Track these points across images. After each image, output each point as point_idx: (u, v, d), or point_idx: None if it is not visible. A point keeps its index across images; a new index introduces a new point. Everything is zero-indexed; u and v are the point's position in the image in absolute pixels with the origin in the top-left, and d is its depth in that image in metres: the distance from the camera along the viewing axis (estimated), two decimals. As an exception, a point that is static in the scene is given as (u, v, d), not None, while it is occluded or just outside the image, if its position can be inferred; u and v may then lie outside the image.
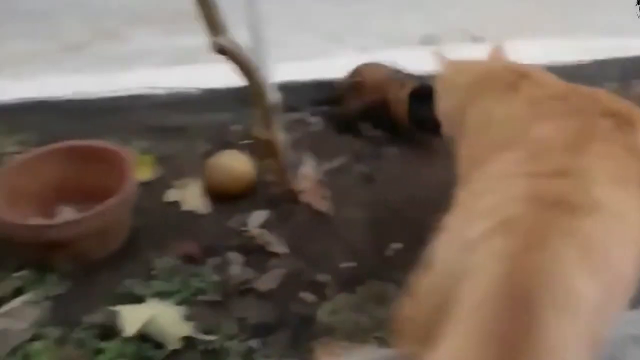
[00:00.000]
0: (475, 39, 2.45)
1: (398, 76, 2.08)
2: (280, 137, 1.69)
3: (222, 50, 1.33)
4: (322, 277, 1.56)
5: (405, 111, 2.01)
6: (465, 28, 2.42)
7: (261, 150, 1.73)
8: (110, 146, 1.75)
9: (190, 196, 1.82)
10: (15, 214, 1.58)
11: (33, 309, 1.46)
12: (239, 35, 1.80)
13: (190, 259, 1.59)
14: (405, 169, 1.96)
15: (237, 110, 2.15)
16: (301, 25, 2.30)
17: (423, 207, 1.80)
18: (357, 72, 2.14)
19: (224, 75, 1.87)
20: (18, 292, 1.50)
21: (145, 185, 1.84)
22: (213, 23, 1.29)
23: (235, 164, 1.82)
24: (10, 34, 2.14)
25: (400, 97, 2.02)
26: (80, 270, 1.56)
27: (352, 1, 2.25)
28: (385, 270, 1.59)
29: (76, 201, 1.71)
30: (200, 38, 1.45)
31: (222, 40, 1.31)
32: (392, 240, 1.69)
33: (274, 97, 1.54)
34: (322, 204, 1.79)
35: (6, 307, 1.46)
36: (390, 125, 2.07)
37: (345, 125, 2.11)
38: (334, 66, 2.26)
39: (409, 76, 2.09)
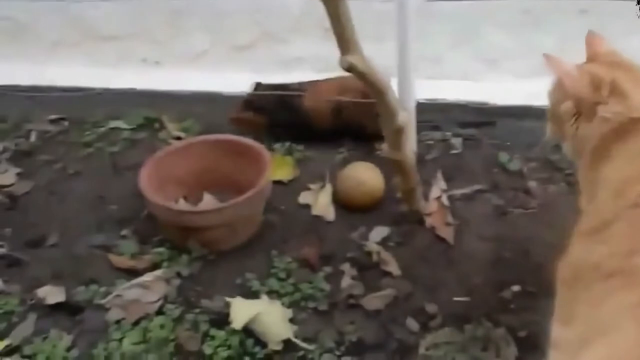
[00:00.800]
0: None
1: None
2: (411, 157, 1.68)
3: (351, 69, 1.35)
4: (431, 307, 1.54)
5: None
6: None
7: (391, 168, 1.74)
8: (253, 143, 1.87)
9: (321, 202, 1.89)
10: (164, 196, 1.76)
11: (163, 284, 1.62)
12: (387, 48, 1.84)
13: (306, 264, 1.66)
14: (546, 207, 1.86)
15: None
16: (461, 45, 2.25)
17: (552, 252, 1.70)
18: None
19: None
20: (155, 266, 1.68)
21: (283, 184, 1.96)
22: (344, 39, 1.32)
23: (366, 177, 1.85)
24: (189, 30, 2.36)
25: None
26: (210, 256, 1.70)
27: (513, 26, 2.16)
28: (499, 312, 1.53)
29: (217, 190, 1.86)
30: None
31: (351, 59, 1.33)
32: (512, 281, 1.62)
33: (404, 117, 1.53)
34: (445, 231, 1.76)
35: (143, 278, 1.63)
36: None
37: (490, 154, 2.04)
38: (486, 90, 2.19)
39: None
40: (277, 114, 2.11)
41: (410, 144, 1.98)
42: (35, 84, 2.25)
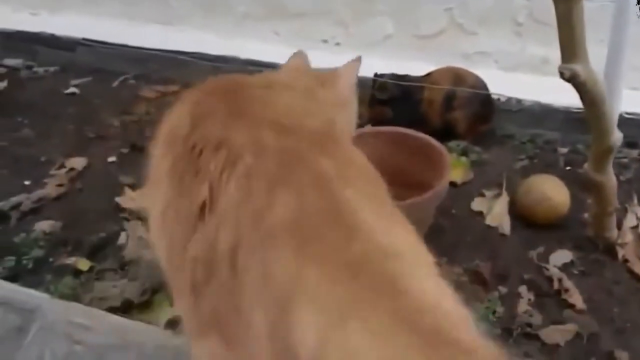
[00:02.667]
0: None
1: None
2: (613, 180, 1.49)
3: (572, 79, 1.20)
4: (620, 354, 1.37)
5: None
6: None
7: (589, 190, 1.56)
8: (433, 141, 1.77)
9: (496, 211, 1.75)
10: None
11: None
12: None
13: (479, 280, 1.54)
14: None
15: (568, 132, 1.99)
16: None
17: None
18: None
19: (560, 91, 1.73)
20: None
21: (456, 187, 1.84)
22: (572, 47, 1.16)
23: (551, 191, 1.68)
24: (375, 14, 2.28)
25: None
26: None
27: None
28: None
29: (392, 186, 1.78)
30: (549, 49, 1.31)
31: (576, 68, 1.17)
32: None
33: (617, 137, 1.35)
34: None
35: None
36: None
37: None
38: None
39: None
40: (399, 106, 2.01)
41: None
42: (221, 54, 2.30)
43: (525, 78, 2.11)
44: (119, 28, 2.62)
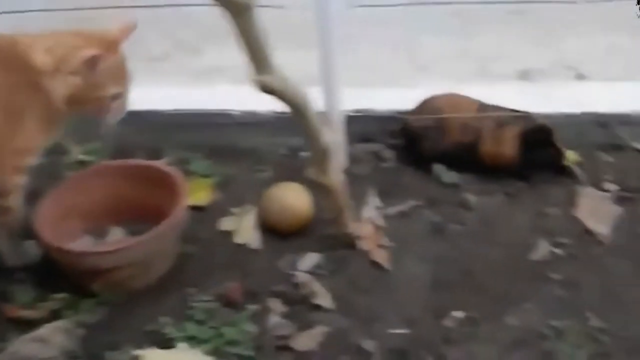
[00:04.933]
0: (579, 77, 2.16)
1: (492, 115, 1.87)
2: (338, 178, 1.53)
3: (265, 89, 1.20)
4: (367, 344, 1.40)
5: (513, 153, 1.83)
6: (570, 65, 2.15)
7: (318, 192, 1.59)
8: (163, 167, 1.69)
9: (245, 227, 1.72)
10: (67, 232, 1.56)
11: (64, 337, 1.41)
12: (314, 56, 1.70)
13: (229, 302, 1.49)
14: (484, 222, 1.75)
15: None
16: (392, 51, 2.13)
17: (496, 270, 1.60)
18: (436, 105, 1.93)
19: None
20: (55, 315, 1.47)
21: (200, 210, 1.77)
22: (257, 59, 1.16)
23: (291, 199, 1.69)
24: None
25: (503, 138, 1.84)
26: (119, 299, 1.50)
27: (451, 31, 2.05)
28: (442, 344, 1.41)
29: (128, 220, 1.66)
30: (282, 57, 1.32)
31: (267, 79, 1.18)
32: (454, 307, 1.50)
33: (329, 137, 1.38)
34: (380, 255, 1.62)
35: (40, 331, 1.42)
36: (478, 168, 1.88)
37: (423, 165, 1.92)
38: (419, 97, 2.07)
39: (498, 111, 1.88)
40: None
41: (339, 160, 1.84)
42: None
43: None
44: None
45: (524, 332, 1.43)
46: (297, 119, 1.34)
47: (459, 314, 1.47)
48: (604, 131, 2.06)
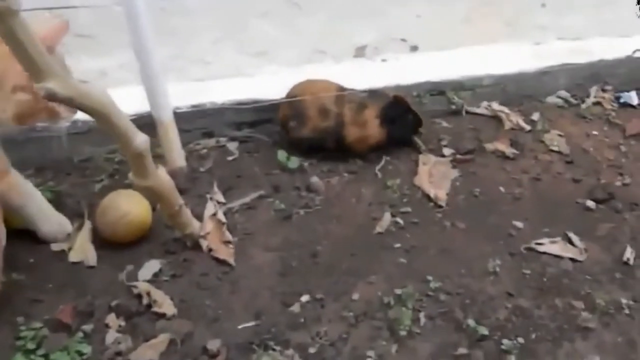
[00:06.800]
0: (413, 49, 2.22)
1: (350, 96, 1.87)
2: (163, 178, 1.46)
3: (52, 97, 1.10)
4: (213, 344, 1.35)
5: (377, 132, 1.85)
6: (403, 37, 2.20)
7: (149, 196, 1.52)
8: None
9: (80, 244, 1.60)
10: None
11: None
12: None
13: (60, 326, 1.38)
14: (330, 203, 1.75)
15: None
16: (226, 40, 2.06)
17: (343, 248, 1.60)
18: (298, 91, 1.91)
19: (133, 101, 1.67)
20: None
21: (30, 232, 1.63)
22: (33, 66, 1.06)
23: (127, 205, 1.59)
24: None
25: (366, 121, 1.85)
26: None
27: (278, 14, 2.02)
28: (289, 330, 1.38)
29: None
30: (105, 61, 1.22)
31: (50, 86, 1.08)
32: (301, 291, 1.48)
33: (142, 140, 1.31)
34: (224, 251, 1.57)
35: None
36: (343, 149, 1.89)
37: (304, 149, 1.91)
38: (260, 84, 2.04)
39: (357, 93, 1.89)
40: None
41: (175, 159, 1.77)
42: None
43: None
44: None
45: (369, 305, 1.44)
46: (101, 125, 1.25)
47: (305, 298, 1.46)
48: (440, 98, 2.13)
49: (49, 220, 1.59)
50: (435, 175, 1.83)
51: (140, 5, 1.57)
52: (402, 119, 1.88)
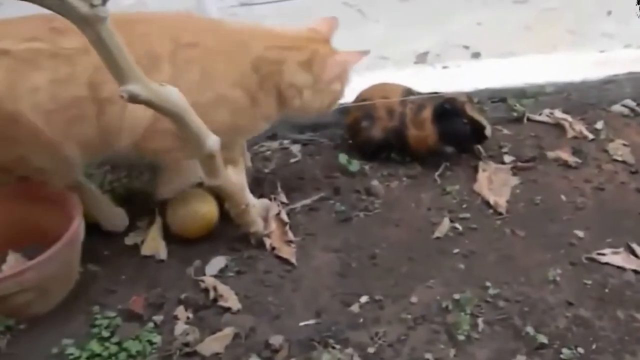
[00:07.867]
0: (475, 55, 2.23)
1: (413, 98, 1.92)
2: (233, 178, 1.53)
3: (133, 99, 1.18)
4: (275, 339, 1.40)
5: (431, 131, 1.87)
6: (464, 44, 2.21)
7: (217, 195, 1.59)
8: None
9: (151, 239, 1.69)
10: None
11: (-38, 371, 1.36)
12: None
13: (132, 316, 1.46)
14: (389, 207, 1.78)
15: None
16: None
17: (401, 252, 1.63)
18: (369, 94, 1.96)
19: None
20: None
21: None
22: (118, 69, 1.14)
23: (196, 204, 1.67)
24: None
25: (422, 121, 1.88)
26: (19, 326, 1.46)
27: (342, 21, 2.07)
28: (348, 329, 1.42)
29: (26, 244, 1.61)
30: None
31: (132, 88, 1.16)
32: (360, 292, 1.52)
33: (213, 141, 1.37)
34: (287, 250, 1.63)
35: None
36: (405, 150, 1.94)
37: (371, 153, 1.96)
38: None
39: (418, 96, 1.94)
40: None
41: (243, 161, 1.84)
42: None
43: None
44: None
45: (427, 308, 1.46)
46: (176, 126, 1.32)
47: (364, 299, 1.49)
48: (501, 105, 2.13)
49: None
50: (495, 182, 1.83)
51: (212, 11, 1.65)
52: (454, 121, 1.87)
